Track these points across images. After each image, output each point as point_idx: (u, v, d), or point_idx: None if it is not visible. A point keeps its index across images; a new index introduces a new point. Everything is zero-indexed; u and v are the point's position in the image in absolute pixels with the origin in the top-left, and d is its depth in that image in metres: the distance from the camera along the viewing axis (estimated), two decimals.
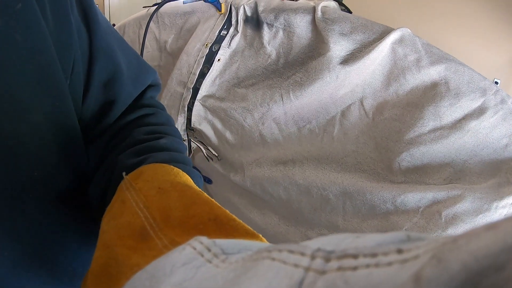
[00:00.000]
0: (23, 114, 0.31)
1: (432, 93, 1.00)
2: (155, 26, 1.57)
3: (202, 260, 0.20)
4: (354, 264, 0.14)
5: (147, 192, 0.31)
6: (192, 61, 1.38)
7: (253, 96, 1.25)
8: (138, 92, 0.50)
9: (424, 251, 0.13)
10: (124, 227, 0.28)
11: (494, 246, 0.11)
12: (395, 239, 0.15)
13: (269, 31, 1.26)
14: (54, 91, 0.34)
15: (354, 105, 1.12)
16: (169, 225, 0.27)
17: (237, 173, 1.32)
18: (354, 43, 1.10)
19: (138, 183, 0.33)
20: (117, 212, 0.31)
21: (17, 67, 0.30)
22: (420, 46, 1.03)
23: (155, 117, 0.48)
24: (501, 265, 0.10)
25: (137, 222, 0.28)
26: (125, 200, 0.31)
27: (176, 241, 0.25)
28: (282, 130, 1.23)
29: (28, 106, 0.31)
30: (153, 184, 0.32)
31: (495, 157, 0.94)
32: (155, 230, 0.27)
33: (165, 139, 0.43)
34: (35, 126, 0.32)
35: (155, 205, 0.29)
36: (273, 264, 0.16)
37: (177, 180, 0.33)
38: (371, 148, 1.08)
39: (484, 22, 1.69)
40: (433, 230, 0.90)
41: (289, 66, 1.23)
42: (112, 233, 0.28)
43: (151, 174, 0.34)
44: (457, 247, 0.11)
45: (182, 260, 0.20)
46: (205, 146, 1.43)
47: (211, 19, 1.39)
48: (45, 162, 0.35)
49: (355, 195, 1.04)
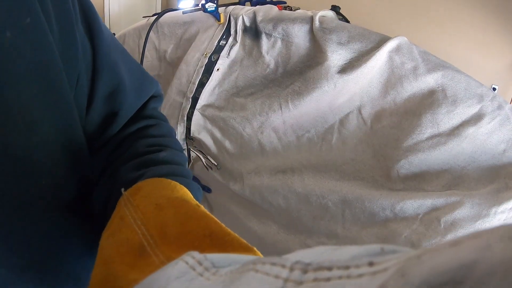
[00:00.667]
0: (32, 125, 0.32)
1: (430, 100, 1.01)
2: (154, 36, 1.59)
3: (194, 274, 0.21)
4: (328, 276, 0.15)
5: (144, 208, 0.32)
6: (191, 71, 1.38)
7: (252, 106, 1.26)
8: (140, 103, 0.50)
9: (393, 264, 0.13)
10: (122, 244, 0.29)
11: (454, 262, 0.11)
12: (369, 252, 0.16)
13: (267, 40, 1.27)
14: (61, 103, 0.35)
15: (352, 114, 1.13)
16: (165, 241, 0.28)
17: (236, 182, 1.32)
18: (352, 52, 1.11)
19: (136, 199, 0.34)
20: (116, 228, 0.32)
21: (26, 79, 0.31)
22: (417, 54, 1.04)
23: (157, 128, 0.49)
24: (460, 280, 0.11)
25: (135, 239, 0.29)
26: (123, 217, 0.32)
27: (172, 257, 0.26)
28: (281, 139, 1.24)
29: (37, 117, 0.32)
30: (150, 200, 0.33)
31: (493, 162, 0.94)
32: (152, 247, 0.28)
33: (165, 152, 0.43)
34: (43, 137, 0.33)
35: (152, 222, 0.30)
36: (257, 275, 0.17)
37: (174, 195, 0.34)
38: (369, 156, 1.08)
39: (481, 29, 1.71)
40: (432, 237, 0.90)
41: (288, 76, 1.24)
42: (111, 249, 0.29)
43: (148, 190, 0.35)
44: (420, 262, 0.12)
45: (175, 274, 0.22)
46: (204, 155, 1.43)
47: (210, 29, 1.41)
48: (53, 172, 0.35)
49: (354, 203, 1.04)
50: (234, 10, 1.35)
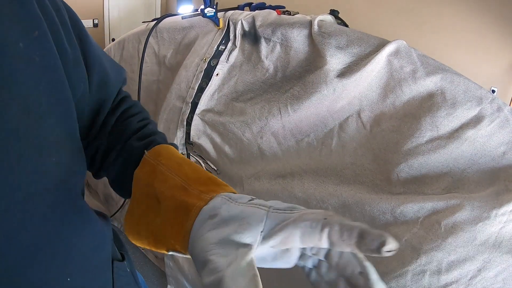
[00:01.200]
0: (41, 116, 0.39)
1: (429, 103, 1.01)
2: (154, 41, 1.59)
3: (229, 203, 0.41)
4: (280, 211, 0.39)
5: (172, 166, 0.50)
6: (190, 76, 1.39)
7: (251, 110, 1.26)
8: (118, 89, 0.63)
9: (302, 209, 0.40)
10: (173, 187, 0.47)
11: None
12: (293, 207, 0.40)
13: (266, 45, 1.27)
14: (63, 100, 0.44)
15: (351, 118, 1.13)
16: (193, 183, 0.47)
17: (236, 186, 1.32)
18: (351, 56, 1.11)
19: (162, 160, 0.51)
20: (162, 178, 0.49)
21: (35, 80, 0.39)
22: (415, 58, 1.04)
23: (135, 107, 0.65)
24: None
25: (179, 183, 0.47)
26: (162, 172, 0.49)
27: (201, 191, 0.45)
28: (281, 143, 1.24)
29: (45, 110, 0.40)
30: (172, 160, 0.51)
31: (493, 165, 0.94)
32: (189, 186, 0.46)
33: (150, 124, 0.61)
34: (51, 128, 0.41)
35: (181, 173, 0.49)
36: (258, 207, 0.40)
37: (180, 155, 0.54)
38: (369, 160, 1.08)
39: (480, 32, 1.71)
40: (433, 240, 0.89)
41: (287, 80, 1.24)
42: (169, 190, 0.47)
43: (166, 153, 0.53)
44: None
45: (219, 202, 0.42)
46: (204, 160, 1.43)
47: (209, 34, 1.41)
48: (61, 160, 0.42)
49: (354, 207, 1.04)
50: (233, 15, 1.35)
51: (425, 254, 0.89)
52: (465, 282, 0.86)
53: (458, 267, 0.87)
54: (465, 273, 0.86)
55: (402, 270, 0.91)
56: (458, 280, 0.86)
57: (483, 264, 0.86)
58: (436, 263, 0.88)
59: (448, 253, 0.88)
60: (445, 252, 0.88)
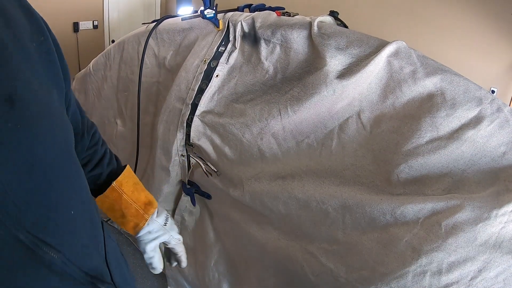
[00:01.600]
0: (49, 91, 0.53)
1: (429, 104, 1.01)
2: (154, 43, 1.59)
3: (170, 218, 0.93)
4: None
5: (129, 191, 0.83)
6: (190, 77, 1.39)
7: (251, 112, 1.26)
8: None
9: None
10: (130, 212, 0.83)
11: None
12: None
13: (266, 46, 1.27)
14: (60, 91, 0.57)
15: (351, 119, 1.13)
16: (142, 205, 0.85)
17: (236, 188, 1.32)
18: (351, 57, 1.11)
19: (123, 186, 0.83)
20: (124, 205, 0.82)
21: (42, 73, 0.51)
22: (415, 58, 1.04)
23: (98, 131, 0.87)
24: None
25: (133, 208, 0.83)
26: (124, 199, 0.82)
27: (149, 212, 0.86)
28: (281, 144, 1.24)
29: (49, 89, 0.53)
30: (129, 188, 0.84)
31: (493, 165, 0.94)
32: (141, 209, 0.84)
33: (109, 148, 0.88)
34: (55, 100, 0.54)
35: (134, 198, 0.84)
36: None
37: (135, 176, 0.88)
38: (369, 161, 1.08)
39: (479, 32, 1.71)
40: (433, 241, 0.89)
41: (287, 81, 1.24)
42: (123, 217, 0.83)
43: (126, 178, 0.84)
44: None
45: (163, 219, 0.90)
46: (204, 162, 1.43)
47: (209, 35, 1.41)
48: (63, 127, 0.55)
49: (355, 208, 1.04)
50: (233, 17, 1.35)
51: (426, 255, 0.89)
52: (466, 282, 0.86)
53: (458, 268, 0.87)
54: (466, 274, 0.86)
55: (403, 271, 0.91)
56: (459, 280, 0.86)
57: (484, 265, 0.86)
58: (437, 263, 0.88)
59: (449, 254, 0.88)
60: (445, 253, 0.88)
